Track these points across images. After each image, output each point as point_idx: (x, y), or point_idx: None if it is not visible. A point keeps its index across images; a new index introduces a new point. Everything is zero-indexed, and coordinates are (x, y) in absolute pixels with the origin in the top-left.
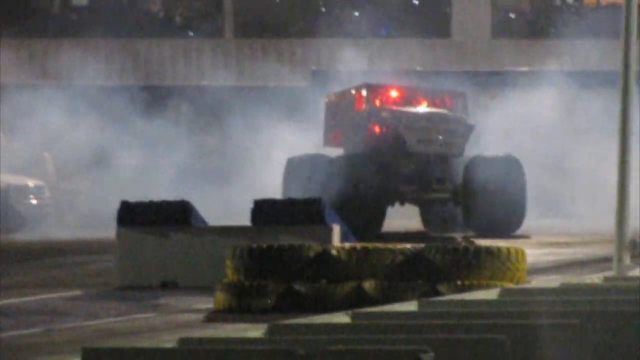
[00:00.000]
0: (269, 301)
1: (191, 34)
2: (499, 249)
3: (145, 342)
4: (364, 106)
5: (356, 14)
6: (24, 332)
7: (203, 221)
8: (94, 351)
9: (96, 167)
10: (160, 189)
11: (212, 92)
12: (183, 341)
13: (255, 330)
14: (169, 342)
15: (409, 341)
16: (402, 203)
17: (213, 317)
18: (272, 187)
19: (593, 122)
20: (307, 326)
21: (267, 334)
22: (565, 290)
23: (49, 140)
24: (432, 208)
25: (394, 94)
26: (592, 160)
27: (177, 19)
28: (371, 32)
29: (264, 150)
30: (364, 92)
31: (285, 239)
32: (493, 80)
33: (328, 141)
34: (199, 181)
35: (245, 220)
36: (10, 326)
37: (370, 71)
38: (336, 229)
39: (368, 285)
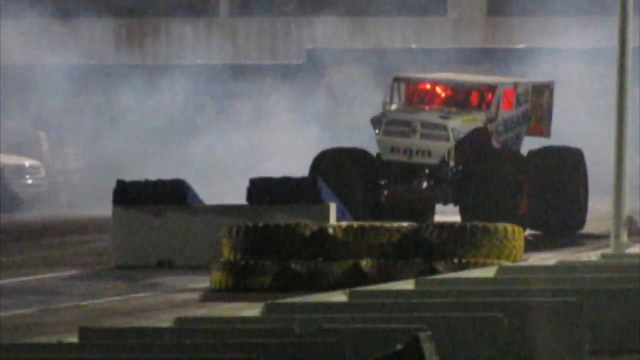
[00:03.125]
0: (266, 280)
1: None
2: (495, 227)
3: (142, 322)
4: (389, 100)
5: None
6: (21, 311)
7: (199, 200)
8: (91, 331)
9: (91, 146)
10: (157, 170)
11: (208, 71)
12: (180, 320)
13: (251, 309)
14: (165, 321)
15: (406, 320)
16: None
17: (209, 296)
18: (272, 170)
19: (588, 99)
20: (304, 305)
21: (264, 312)
22: (561, 268)
23: (42, 120)
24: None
25: (417, 89)
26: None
27: None
28: (366, 11)
29: (266, 131)
30: (394, 86)
31: (282, 218)
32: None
33: None
34: (195, 163)
35: (241, 199)
36: (7, 306)
37: (363, 50)
38: (332, 207)
39: (364, 263)
